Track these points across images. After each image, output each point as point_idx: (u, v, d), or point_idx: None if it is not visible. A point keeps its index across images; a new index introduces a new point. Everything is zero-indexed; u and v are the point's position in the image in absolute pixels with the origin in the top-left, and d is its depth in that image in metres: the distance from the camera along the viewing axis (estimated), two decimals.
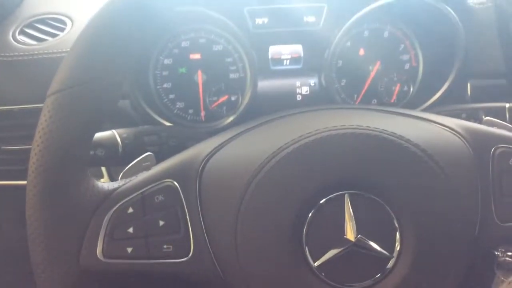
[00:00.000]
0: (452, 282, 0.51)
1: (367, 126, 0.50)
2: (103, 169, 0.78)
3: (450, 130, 0.54)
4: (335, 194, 0.49)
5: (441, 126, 0.54)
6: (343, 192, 0.49)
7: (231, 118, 0.81)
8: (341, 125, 0.50)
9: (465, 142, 0.53)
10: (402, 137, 0.50)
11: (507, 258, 0.55)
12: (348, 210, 0.49)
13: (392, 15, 0.84)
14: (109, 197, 0.49)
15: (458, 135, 0.53)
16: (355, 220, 0.48)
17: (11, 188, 0.80)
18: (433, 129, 0.54)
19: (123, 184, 0.51)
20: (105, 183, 0.51)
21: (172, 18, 0.78)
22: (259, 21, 0.83)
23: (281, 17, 0.83)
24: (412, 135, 0.50)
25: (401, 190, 0.49)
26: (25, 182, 0.47)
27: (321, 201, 0.49)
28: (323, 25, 0.83)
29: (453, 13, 0.78)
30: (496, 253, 0.56)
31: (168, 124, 0.80)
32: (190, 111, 0.85)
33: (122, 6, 0.47)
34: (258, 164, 0.50)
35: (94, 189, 0.49)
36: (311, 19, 0.83)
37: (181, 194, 0.50)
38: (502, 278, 0.58)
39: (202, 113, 0.85)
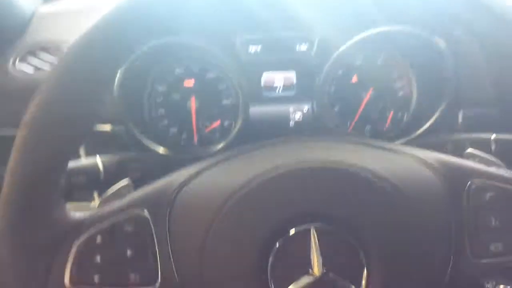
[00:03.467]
0: None
1: (336, 161, 0.50)
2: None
3: (423, 163, 0.53)
4: (301, 227, 0.49)
5: (414, 159, 0.54)
6: (309, 225, 0.49)
7: (222, 144, 0.82)
8: (310, 159, 0.50)
9: (439, 175, 0.52)
10: (371, 171, 0.49)
11: None
12: (315, 243, 0.48)
13: (384, 44, 0.84)
14: (79, 225, 0.51)
15: (431, 168, 0.52)
16: (321, 254, 0.48)
17: None
18: (404, 162, 0.53)
19: (95, 213, 0.52)
20: (77, 212, 0.52)
21: (163, 47, 0.80)
22: (252, 48, 0.83)
23: (274, 45, 0.83)
24: (382, 168, 0.50)
25: (369, 225, 0.49)
26: None
27: (287, 234, 0.49)
28: (316, 53, 0.83)
29: (442, 43, 0.77)
30: (487, 286, 0.54)
31: (161, 148, 0.82)
32: (184, 135, 0.87)
33: (103, 38, 0.46)
34: (225, 196, 0.50)
35: (66, 218, 0.50)
36: (303, 47, 0.83)
37: (151, 224, 0.51)
38: None
39: (195, 138, 0.87)
